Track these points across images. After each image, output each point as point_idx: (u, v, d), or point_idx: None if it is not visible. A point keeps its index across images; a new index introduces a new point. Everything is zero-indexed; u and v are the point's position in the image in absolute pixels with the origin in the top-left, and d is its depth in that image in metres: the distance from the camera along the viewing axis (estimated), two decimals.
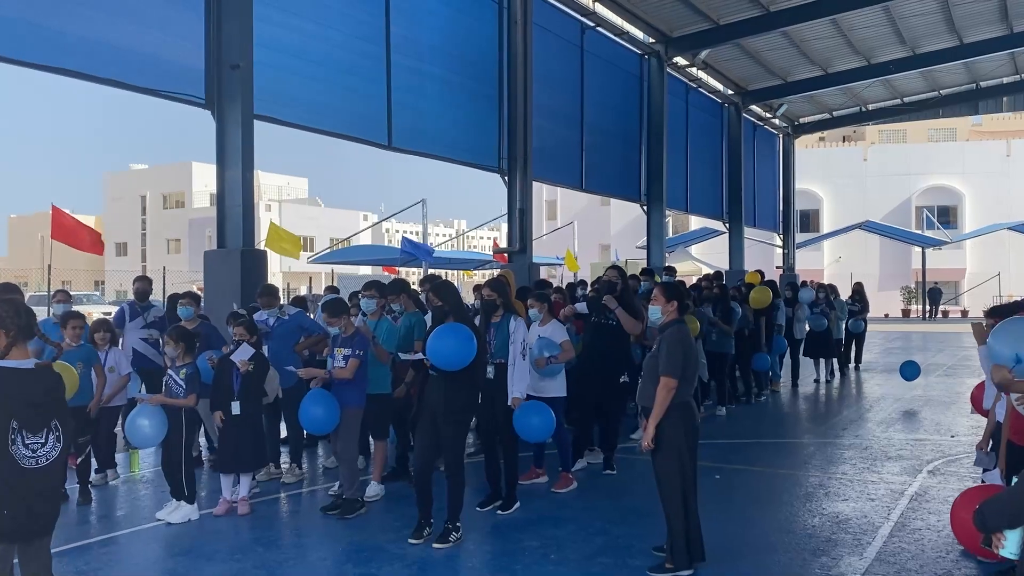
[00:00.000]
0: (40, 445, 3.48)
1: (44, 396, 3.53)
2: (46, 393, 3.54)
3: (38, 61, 8.64)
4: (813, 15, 17.93)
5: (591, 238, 46.65)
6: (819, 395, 13.46)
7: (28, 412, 3.45)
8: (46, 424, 3.51)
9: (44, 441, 3.50)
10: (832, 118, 29.23)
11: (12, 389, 3.44)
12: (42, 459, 3.48)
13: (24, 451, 3.42)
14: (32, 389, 3.49)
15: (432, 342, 5.71)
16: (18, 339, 3.52)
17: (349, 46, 12.02)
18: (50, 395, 3.56)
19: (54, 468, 3.55)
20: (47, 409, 3.52)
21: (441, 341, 5.68)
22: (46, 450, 3.50)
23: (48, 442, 3.51)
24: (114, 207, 69.51)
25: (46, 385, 3.56)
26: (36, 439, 3.46)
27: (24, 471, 3.43)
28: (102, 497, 7.20)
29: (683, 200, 22.76)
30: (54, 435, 3.54)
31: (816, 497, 6.99)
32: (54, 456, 3.53)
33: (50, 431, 3.52)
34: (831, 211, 46.30)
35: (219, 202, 10.18)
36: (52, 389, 3.59)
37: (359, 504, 6.55)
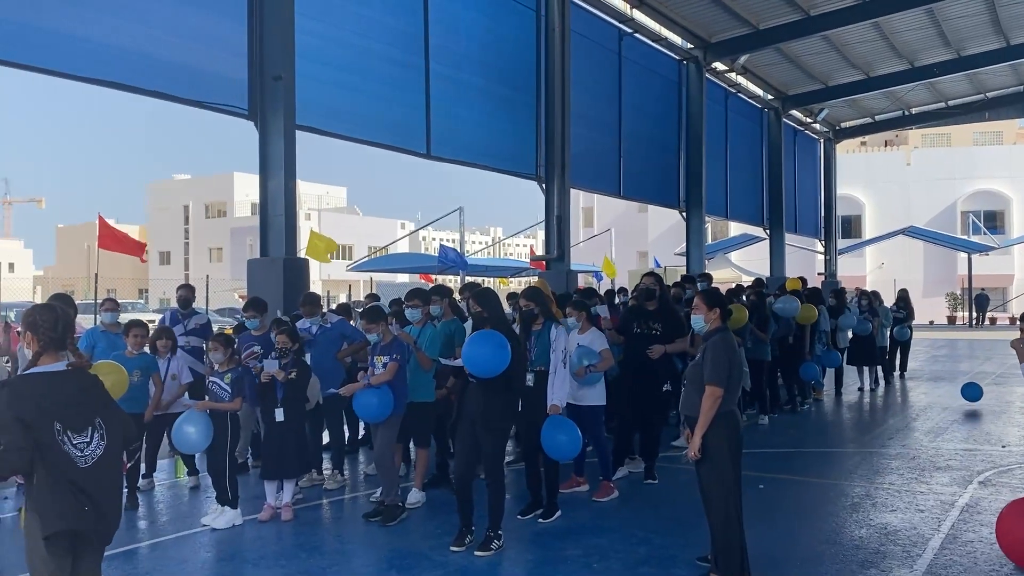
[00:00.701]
0: (86, 444, 3.50)
1: (80, 395, 3.55)
2: (81, 392, 3.57)
3: (86, 74, 8.87)
4: (854, 18, 17.72)
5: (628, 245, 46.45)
6: (863, 404, 13.23)
7: (68, 412, 3.47)
8: (89, 422, 3.53)
9: (89, 440, 3.52)
10: (874, 122, 28.82)
11: (47, 391, 3.47)
12: (89, 458, 3.49)
13: (74, 451, 3.45)
14: (66, 389, 3.52)
15: (467, 348, 5.72)
16: (49, 348, 3.56)
17: (389, 56, 12.14)
18: (86, 393, 3.58)
19: (105, 466, 3.56)
20: (86, 407, 3.55)
21: (475, 347, 5.68)
22: (92, 448, 3.51)
23: (93, 440, 3.53)
24: (158, 217, 70.82)
25: (80, 384, 3.59)
26: (82, 438, 3.48)
27: (82, 471, 3.45)
28: (149, 502, 7.32)
29: (723, 206, 22.59)
30: (98, 433, 3.55)
31: (863, 508, 6.86)
32: (99, 454, 3.54)
33: (94, 429, 3.54)
34: (873, 217, 45.58)
35: (262, 211, 10.32)
36: (87, 388, 3.61)
37: (400, 510, 6.58)
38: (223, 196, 69.42)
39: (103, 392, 3.72)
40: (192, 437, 6.43)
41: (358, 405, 6.54)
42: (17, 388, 3.46)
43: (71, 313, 3.93)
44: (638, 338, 7.94)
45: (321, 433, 8.13)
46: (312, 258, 11.41)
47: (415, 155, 13.05)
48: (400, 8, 12.38)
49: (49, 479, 3.44)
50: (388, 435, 6.64)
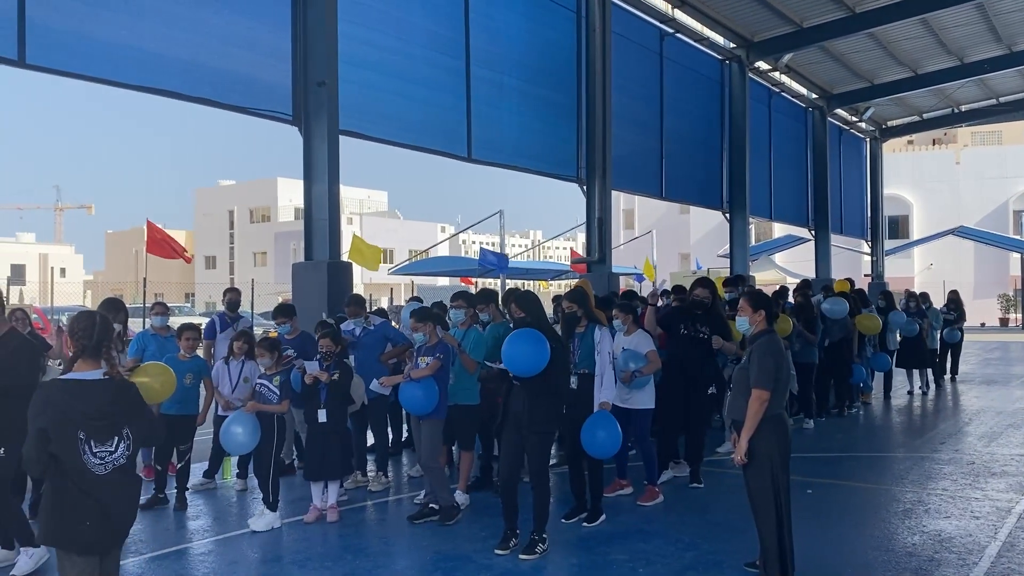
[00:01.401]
0: (109, 452, 3.57)
1: (110, 406, 3.60)
2: (112, 403, 3.61)
3: (137, 82, 9.05)
4: (902, 15, 17.38)
5: (670, 247, 46.11)
6: (913, 407, 12.95)
7: (94, 422, 3.54)
8: (116, 432, 3.59)
9: (113, 448, 3.58)
10: (922, 120, 28.23)
11: (76, 401, 3.53)
12: (109, 465, 3.56)
13: (94, 460, 3.52)
14: (97, 400, 3.57)
15: (506, 347, 5.71)
16: (83, 355, 3.63)
17: (430, 60, 12.21)
18: (117, 404, 3.63)
19: (123, 472, 3.63)
20: (116, 417, 3.60)
21: (514, 346, 5.67)
22: (114, 456, 3.58)
23: (117, 449, 3.59)
24: (204, 222, 72.11)
25: (112, 395, 3.63)
26: (105, 447, 3.55)
27: (98, 478, 3.54)
28: (199, 503, 7.42)
29: (767, 207, 22.32)
30: (124, 443, 3.62)
31: (915, 514, 6.71)
32: (122, 462, 3.61)
33: (121, 439, 3.61)
34: (921, 217, 44.67)
35: (306, 215, 10.44)
36: (118, 399, 3.66)
37: (456, 510, 6.56)
38: (267, 201, 70.45)
39: (136, 400, 3.78)
40: (240, 438, 6.52)
41: (403, 397, 6.58)
42: (48, 394, 3.54)
43: (111, 321, 3.96)
44: (684, 340, 7.86)
45: (365, 435, 8.18)
46: (356, 263, 11.50)
47: (456, 158, 13.10)
48: (441, 12, 12.44)
49: (59, 490, 3.53)
50: (433, 439, 6.66)
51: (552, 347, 5.71)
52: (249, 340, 7.65)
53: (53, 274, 30.86)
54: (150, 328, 8.39)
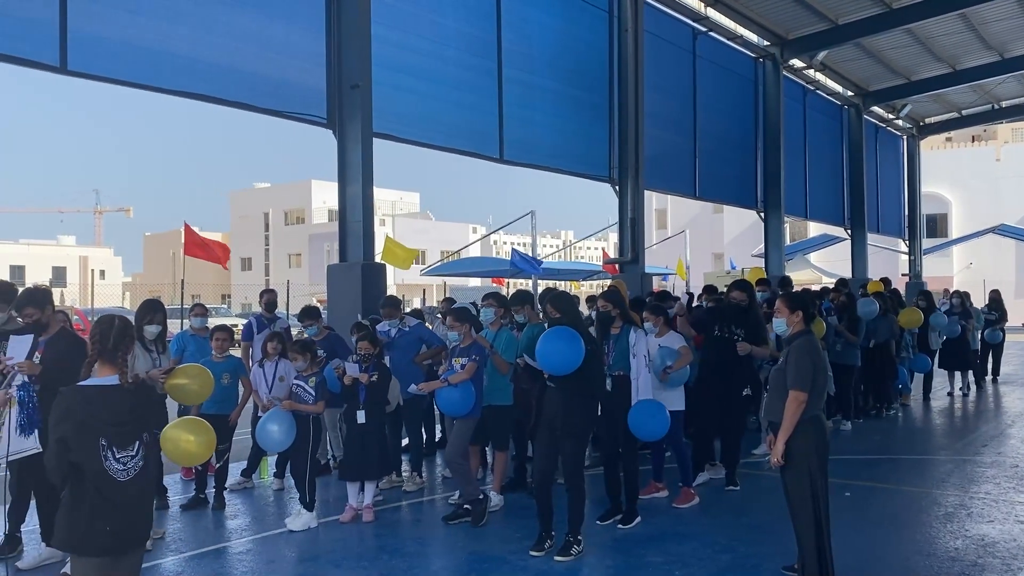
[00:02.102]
0: (130, 458, 3.58)
1: (130, 413, 3.60)
2: (132, 410, 3.61)
3: (175, 87, 9.19)
4: (940, 10, 17.09)
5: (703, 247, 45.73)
6: (954, 409, 12.73)
7: (115, 428, 3.54)
8: (137, 437, 3.60)
9: (135, 453, 3.59)
10: (961, 117, 27.72)
11: (97, 408, 3.52)
12: (131, 471, 3.58)
13: (117, 465, 3.53)
14: (117, 405, 3.57)
15: (540, 345, 5.70)
16: (100, 359, 3.62)
17: (462, 62, 12.24)
18: (137, 411, 3.63)
19: (142, 476, 3.64)
20: (137, 423, 3.61)
21: (548, 344, 5.67)
22: (135, 461, 3.59)
23: (138, 454, 3.60)
24: (239, 224, 72.93)
25: (132, 401, 3.63)
26: (126, 452, 3.56)
27: (120, 484, 3.54)
28: (237, 502, 7.51)
29: (802, 206, 22.07)
30: (144, 446, 3.64)
31: (957, 518, 6.59)
32: (141, 465, 3.62)
33: (141, 444, 3.62)
34: (960, 215, 43.88)
35: (341, 217, 10.51)
36: (138, 403, 3.66)
37: (483, 502, 6.56)
38: (301, 203, 71.07)
39: (155, 404, 3.82)
40: (276, 435, 6.59)
41: (441, 400, 6.62)
42: (68, 403, 3.51)
43: (132, 326, 3.94)
44: (718, 341, 7.80)
45: (400, 435, 8.23)
46: (389, 263, 11.57)
47: (488, 159, 13.12)
48: (473, 14, 12.47)
49: (79, 496, 3.52)
50: (461, 437, 6.68)
51: (588, 348, 5.70)
52: (282, 341, 7.74)
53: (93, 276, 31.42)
54: (189, 329, 8.51)
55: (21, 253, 65.12)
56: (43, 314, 5.37)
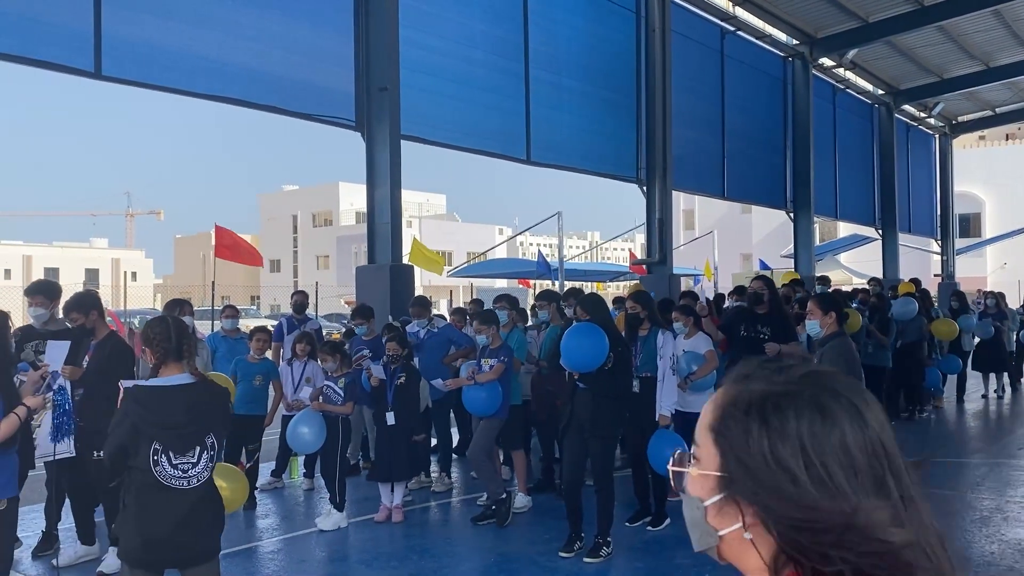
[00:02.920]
0: (191, 465, 3.37)
1: (186, 414, 3.39)
2: (188, 411, 3.40)
3: (206, 91, 9.30)
4: (973, 6, 16.84)
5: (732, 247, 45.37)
6: (989, 411, 12.53)
7: (170, 432, 3.35)
8: (197, 442, 3.39)
9: (196, 460, 3.38)
10: (995, 115, 27.28)
11: (150, 412, 3.35)
12: (193, 478, 3.37)
13: (171, 471, 3.33)
14: (175, 406, 3.37)
15: (564, 341, 5.71)
16: (166, 359, 3.45)
17: (489, 64, 12.27)
18: (193, 412, 3.42)
19: (209, 485, 3.47)
20: (196, 426, 3.40)
21: (571, 340, 5.67)
22: (198, 470, 3.38)
23: (200, 461, 3.39)
24: (268, 226, 73.58)
25: (188, 403, 3.41)
26: (186, 459, 3.35)
27: (177, 492, 3.34)
28: (268, 502, 7.58)
29: (832, 206, 21.85)
30: (208, 454, 3.41)
31: (993, 522, 6.49)
32: (206, 476, 3.42)
33: (203, 449, 3.41)
34: (994, 214, 43.15)
35: (369, 219, 10.57)
36: (200, 404, 3.46)
37: (505, 500, 6.56)
38: (329, 205, 71.57)
39: (221, 407, 3.59)
40: (306, 437, 6.64)
41: (467, 400, 6.64)
42: (126, 404, 3.37)
43: (183, 321, 3.91)
44: (744, 342, 7.71)
45: (429, 436, 8.25)
46: (417, 265, 11.63)
47: (515, 161, 13.14)
48: (500, 16, 12.49)
49: (129, 504, 3.37)
50: (487, 436, 6.69)
51: (616, 350, 5.69)
52: (311, 342, 7.79)
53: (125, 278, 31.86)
54: (220, 330, 8.61)
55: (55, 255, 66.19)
56: (87, 319, 5.45)
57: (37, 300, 5.57)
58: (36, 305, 5.55)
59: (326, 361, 6.96)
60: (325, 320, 30.55)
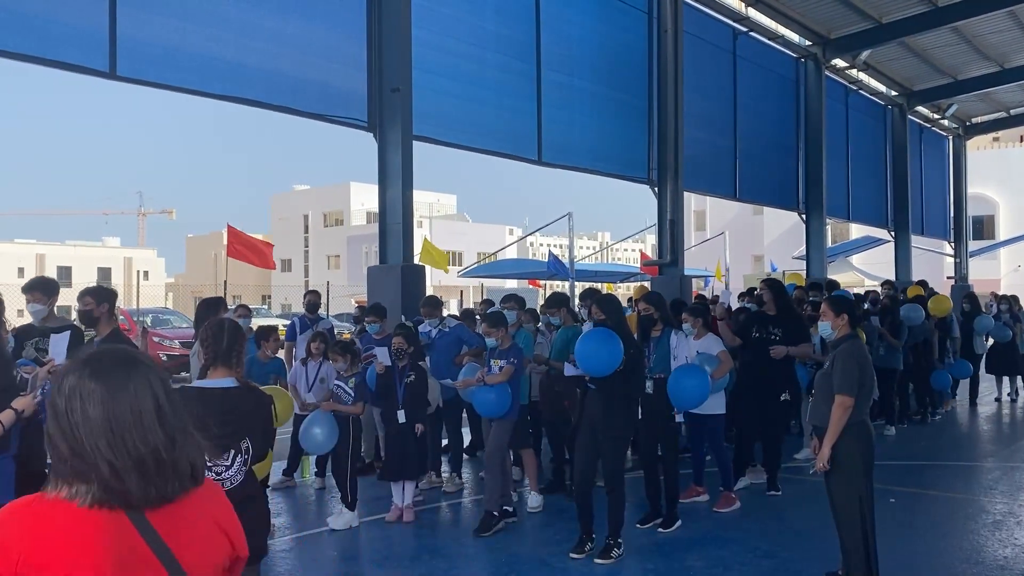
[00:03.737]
0: (225, 468, 3.36)
1: (226, 415, 3.37)
2: (225, 414, 3.38)
3: (220, 92, 9.34)
4: (987, 8, 16.72)
5: (743, 249, 45.26)
6: (1002, 415, 12.46)
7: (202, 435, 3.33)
8: (232, 446, 3.37)
9: (230, 463, 3.37)
10: (1009, 117, 27.09)
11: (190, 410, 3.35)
12: (226, 483, 3.32)
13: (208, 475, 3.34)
14: (209, 411, 3.30)
15: (579, 346, 5.71)
16: (213, 363, 3.50)
17: (501, 64, 12.28)
18: (234, 414, 3.41)
19: (243, 490, 3.36)
20: (229, 431, 3.36)
21: (587, 344, 5.67)
22: (231, 473, 3.37)
23: (234, 465, 3.38)
24: (279, 226, 73.81)
25: (226, 407, 3.42)
26: (220, 462, 3.34)
27: None
28: (279, 501, 7.61)
29: (844, 208, 21.75)
30: (242, 458, 3.39)
31: (1006, 526, 6.46)
32: (239, 480, 3.38)
33: (238, 453, 3.39)
34: (1008, 216, 42.89)
35: (381, 220, 10.59)
36: (238, 408, 3.44)
37: (495, 519, 6.44)
38: (340, 205, 71.75)
39: (262, 414, 3.56)
40: (319, 437, 6.66)
41: (477, 401, 6.64)
42: None
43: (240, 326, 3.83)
44: (757, 343, 7.73)
45: (439, 436, 8.27)
46: (427, 264, 11.67)
47: (527, 162, 13.13)
48: (512, 17, 12.50)
49: None
50: (500, 437, 6.67)
51: (629, 351, 5.69)
52: (325, 341, 7.81)
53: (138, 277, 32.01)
54: None
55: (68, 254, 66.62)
56: (97, 308, 5.44)
57: (35, 296, 5.58)
58: (34, 301, 5.56)
59: (336, 361, 6.98)
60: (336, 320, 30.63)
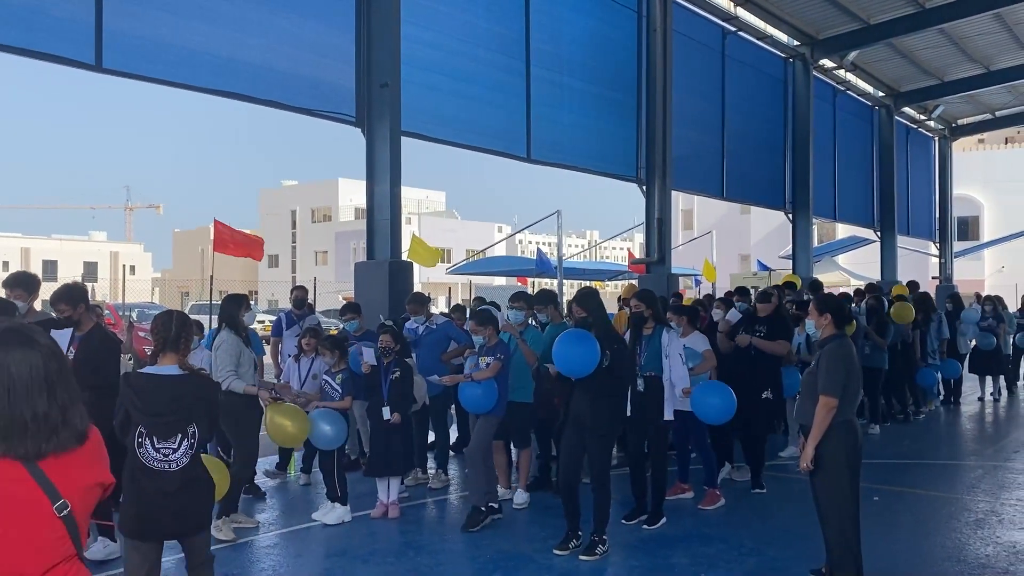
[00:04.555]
0: (172, 450, 3.62)
1: (170, 404, 3.65)
2: (173, 400, 3.65)
3: (210, 86, 9.31)
4: (974, 9, 16.86)
5: (730, 248, 45.40)
6: (985, 414, 12.56)
7: (155, 419, 3.61)
8: (179, 430, 3.63)
9: (176, 447, 3.62)
10: (994, 118, 27.33)
11: (141, 397, 3.61)
12: (173, 464, 3.61)
13: (153, 454, 3.60)
14: (162, 394, 3.64)
15: (555, 348, 5.69)
16: (162, 350, 3.75)
17: (491, 61, 12.27)
18: (178, 403, 3.66)
19: (189, 472, 3.67)
20: (177, 417, 3.64)
21: (562, 346, 5.66)
22: (177, 456, 3.62)
23: (180, 447, 3.63)
24: (267, 221, 73.50)
25: (175, 393, 3.67)
26: (167, 444, 3.61)
27: (155, 473, 3.61)
28: (268, 495, 7.58)
29: (831, 207, 21.88)
30: (188, 441, 3.65)
31: (988, 524, 6.51)
32: (185, 462, 3.65)
33: (184, 436, 3.64)
34: (993, 217, 43.21)
35: (368, 216, 10.58)
36: (186, 395, 3.69)
37: (482, 515, 6.46)
38: (328, 201, 71.55)
39: (208, 400, 3.79)
40: (329, 434, 6.58)
41: (463, 397, 6.63)
42: (121, 390, 3.69)
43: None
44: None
45: (426, 433, 8.26)
46: (415, 261, 11.64)
47: (516, 159, 13.13)
48: (502, 13, 12.49)
49: (128, 482, 3.67)
50: (484, 435, 6.66)
51: (616, 348, 5.69)
52: (317, 336, 7.79)
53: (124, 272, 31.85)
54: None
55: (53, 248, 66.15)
56: (75, 311, 5.43)
57: (16, 293, 5.54)
58: (15, 298, 5.52)
59: (325, 356, 6.97)
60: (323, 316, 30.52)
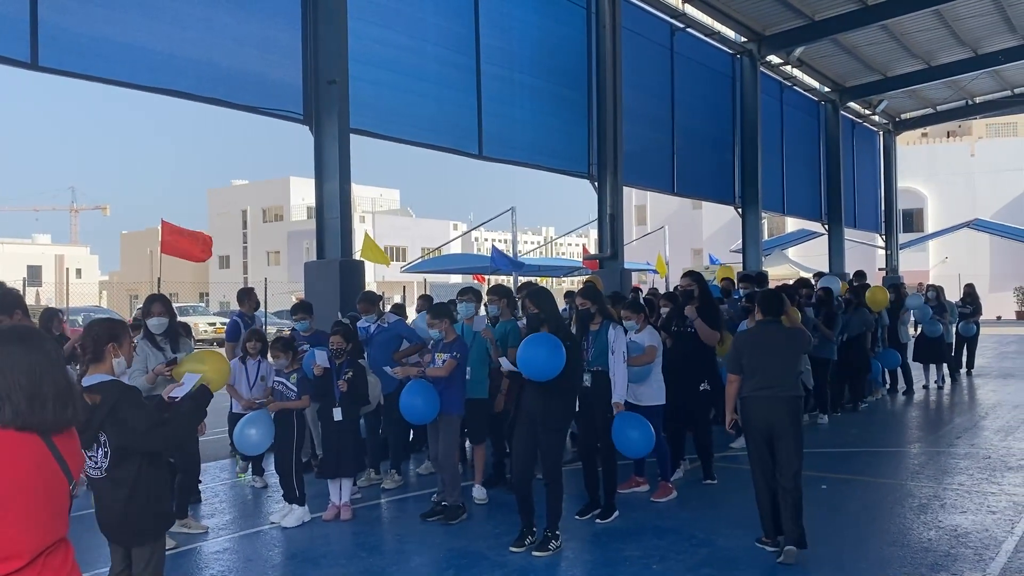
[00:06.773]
0: (96, 459, 3.68)
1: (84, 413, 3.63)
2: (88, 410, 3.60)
3: (151, 84, 9.08)
4: (915, 6, 17.27)
5: (683, 242, 45.97)
6: (929, 402, 12.88)
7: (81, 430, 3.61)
8: (94, 439, 3.66)
9: (95, 454, 3.67)
10: (936, 113, 28.03)
11: None
12: (101, 470, 3.68)
13: (89, 462, 3.67)
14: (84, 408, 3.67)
15: (522, 351, 5.69)
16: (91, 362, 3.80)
17: (441, 58, 12.21)
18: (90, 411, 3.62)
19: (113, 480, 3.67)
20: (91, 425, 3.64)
21: (531, 350, 5.64)
22: (101, 460, 3.68)
23: (98, 454, 3.68)
24: (217, 221, 72.33)
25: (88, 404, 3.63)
26: (91, 452, 3.66)
27: (93, 481, 3.74)
28: (218, 500, 7.46)
29: (779, 202, 22.24)
30: (103, 450, 3.69)
31: (931, 509, 6.67)
32: (107, 465, 3.67)
33: (99, 445, 3.68)
34: (936, 210, 44.35)
35: (318, 214, 10.46)
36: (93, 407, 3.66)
37: (461, 510, 6.58)
38: (280, 200, 70.64)
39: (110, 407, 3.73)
40: (254, 438, 6.53)
41: (404, 407, 6.48)
42: None
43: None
44: (676, 336, 7.81)
45: (379, 433, 8.19)
46: (368, 260, 11.55)
47: (467, 156, 13.09)
48: (451, 9, 12.43)
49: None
50: (451, 435, 6.62)
51: (566, 344, 5.70)
52: (261, 339, 7.68)
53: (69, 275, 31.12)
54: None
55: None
56: (11, 319, 5.29)
57: None
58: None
59: (278, 358, 6.85)
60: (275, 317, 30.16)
